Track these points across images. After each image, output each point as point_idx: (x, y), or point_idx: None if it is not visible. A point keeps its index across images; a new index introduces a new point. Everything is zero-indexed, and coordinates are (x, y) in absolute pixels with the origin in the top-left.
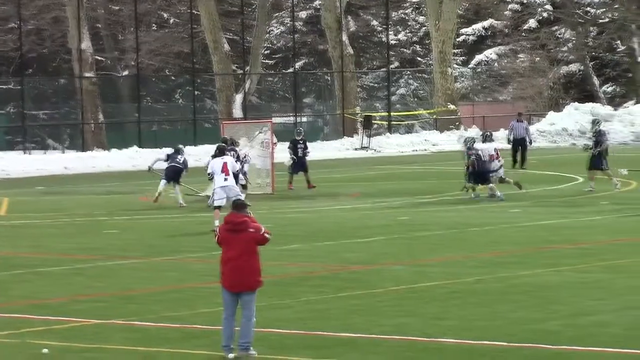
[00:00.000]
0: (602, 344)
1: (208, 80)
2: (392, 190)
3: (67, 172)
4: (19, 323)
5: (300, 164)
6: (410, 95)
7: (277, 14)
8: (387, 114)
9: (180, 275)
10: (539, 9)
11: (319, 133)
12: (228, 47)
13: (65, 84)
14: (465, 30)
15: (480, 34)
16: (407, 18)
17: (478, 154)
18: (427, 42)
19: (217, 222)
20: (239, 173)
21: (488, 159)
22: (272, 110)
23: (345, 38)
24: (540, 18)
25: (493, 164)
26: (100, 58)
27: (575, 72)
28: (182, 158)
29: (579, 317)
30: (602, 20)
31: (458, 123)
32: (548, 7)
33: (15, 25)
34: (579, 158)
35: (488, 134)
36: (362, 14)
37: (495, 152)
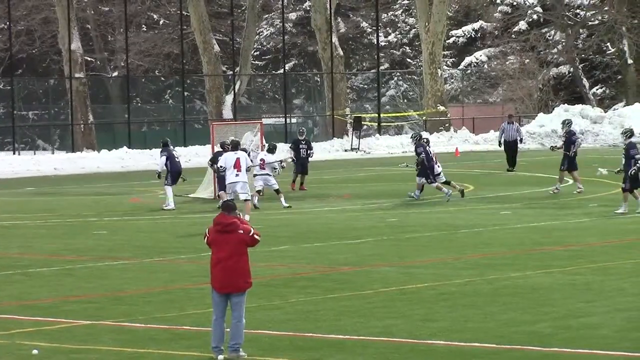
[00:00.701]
0: (592, 346)
1: (198, 81)
2: (381, 192)
3: (56, 172)
4: (9, 324)
5: (301, 165)
6: (400, 97)
7: (266, 16)
8: (376, 115)
9: (170, 277)
10: (529, 11)
11: (309, 134)
12: (218, 48)
13: (55, 85)
14: (455, 32)
15: (470, 36)
16: (396, 20)
17: (427, 150)
18: (417, 43)
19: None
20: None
21: (434, 161)
22: (261, 112)
23: (335, 39)
24: (530, 20)
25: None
26: (90, 59)
27: (565, 74)
28: (176, 153)
29: (570, 319)
30: (591, 23)
31: (448, 125)
32: (538, 9)
33: (5, 26)
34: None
35: (422, 137)
36: (351, 16)
37: (434, 156)
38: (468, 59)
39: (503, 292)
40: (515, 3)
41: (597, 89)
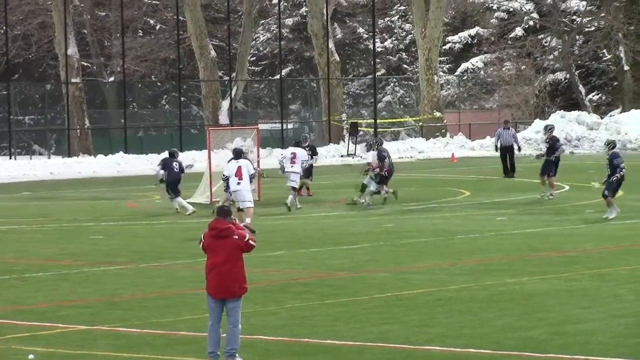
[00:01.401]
0: (588, 352)
1: (194, 87)
2: (377, 198)
3: (53, 177)
4: (5, 329)
5: (306, 170)
6: (397, 103)
7: (263, 21)
8: (373, 121)
9: (166, 282)
10: (525, 17)
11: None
12: (214, 53)
13: (52, 90)
14: (452, 38)
15: (467, 42)
16: (393, 25)
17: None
18: (413, 49)
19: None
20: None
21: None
22: (258, 117)
23: (332, 45)
24: (527, 26)
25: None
26: (87, 64)
27: (561, 80)
28: (177, 164)
29: (566, 325)
30: (588, 29)
31: (444, 130)
32: (534, 15)
33: (2, 31)
34: (565, 166)
35: (372, 143)
36: (348, 21)
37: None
38: (464, 65)
39: (499, 298)
40: (512, 9)
41: (593, 96)
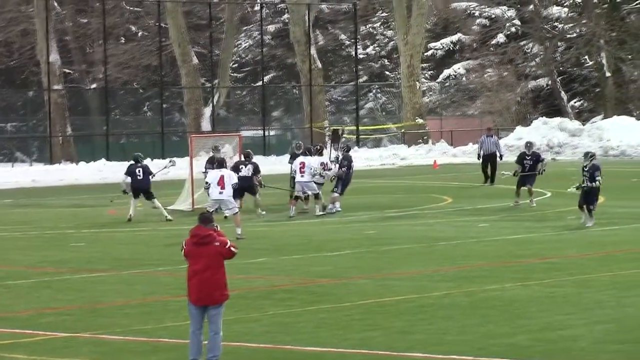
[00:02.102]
0: (570, 358)
1: (176, 94)
2: (359, 204)
3: (35, 184)
4: None
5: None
6: (379, 109)
7: (245, 28)
8: (355, 128)
9: (148, 289)
10: (507, 24)
11: (287, 146)
12: (196, 60)
13: (34, 97)
14: (434, 45)
15: (449, 49)
16: (375, 32)
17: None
18: (395, 56)
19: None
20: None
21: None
22: (240, 124)
23: (314, 52)
24: (509, 33)
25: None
26: (69, 71)
27: (543, 86)
28: (140, 170)
29: (548, 331)
30: (570, 35)
31: (426, 137)
32: (516, 22)
33: None
34: (547, 173)
35: (318, 147)
36: (330, 28)
37: (322, 165)
38: (446, 72)
39: (481, 304)
40: (494, 16)
41: (575, 102)
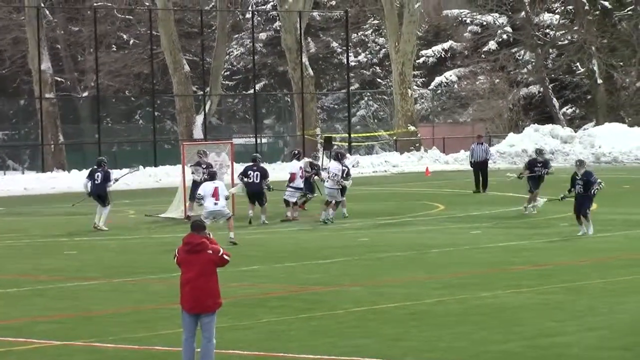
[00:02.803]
0: None
1: (168, 102)
2: (352, 212)
3: (26, 193)
4: None
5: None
6: (371, 117)
7: (236, 36)
8: (347, 135)
9: (140, 297)
10: (499, 31)
11: (279, 154)
12: (188, 68)
13: (25, 105)
14: (425, 52)
15: (440, 56)
16: (367, 40)
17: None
18: (387, 63)
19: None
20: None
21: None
22: (232, 132)
23: (305, 59)
24: (500, 40)
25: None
26: (60, 79)
27: (535, 94)
28: (100, 175)
29: (541, 338)
30: (561, 42)
31: (418, 144)
32: (507, 29)
33: None
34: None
35: (296, 152)
36: (322, 36)
37: (301, 170)
38: (438, 79)
39: (473, 311)
40: (485, 23)
41: (567, 109)
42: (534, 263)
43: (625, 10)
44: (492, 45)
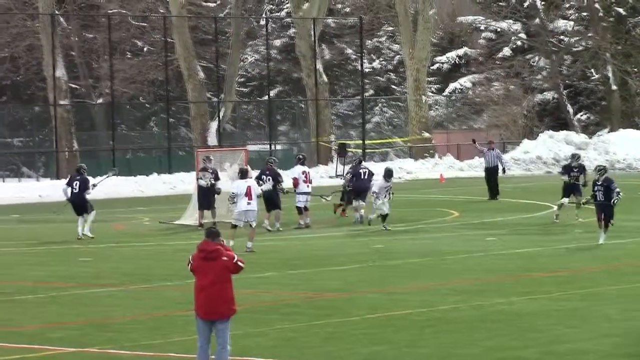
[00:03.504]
0: None
1: (183, 108)
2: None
3: (41, 200)
4: None
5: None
6: (385, 123)
7: (251, 42)
8: (361, 142)
9: (156, 303)
10: (513, 38)
11: (294, 161)
12: (202, 75)
13: (40, 112)
14: (440, 59)
15: (455, 62)
16: (381, 46)
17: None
18: (401, 70)
19: (231, 242)
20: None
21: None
22: (246, 138)
23: (320, 66)
24: (515, 46)
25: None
26: (75, 86)
27: (550, 100)
28: (77, 183)
29: (556, 345)
30: (575, 49)
31: (432, 151)
32: (522, 35)
33: None
34: (553, 186)
35: (300, 157)
36: (336, 42)
37: (304, 175)
38: (452, 85)
39: (489, 318)
40: (500, 29)
41: (581, 115)
42: (549, 270)
43: None
44: (506, 52)
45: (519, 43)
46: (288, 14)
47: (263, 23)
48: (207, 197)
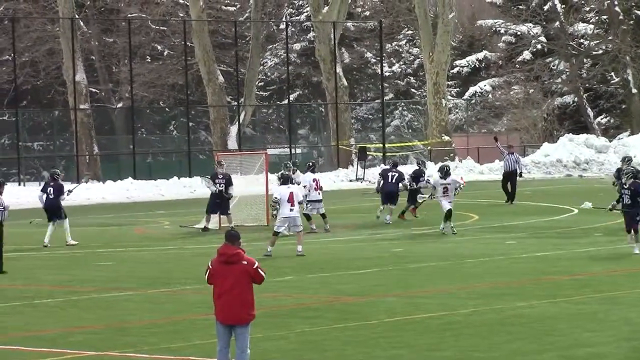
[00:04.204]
0: None
1: (202, 112)
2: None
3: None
4: (14, 355)
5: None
6: (405, 127)
7: (271, 46)
8: (381, 146)
9: (175, 307)
10: (533, 41)
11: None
12: (222, 79)
13: (60, 116)
14: (459, 62)
15: (474, 66)
16: (401, 50)
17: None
18: (421, 73)
19: (269, 248)
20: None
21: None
22: (266, 142)
23: (340, 70)
24: (534, 50)
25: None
26: (95, 90)
27: (570, 103)
28: (52, 189)
29: (576, 348)
30: (595, 52)
31: (452, 154)
32: (542, 39)
33: (10, 58)
34: (574, 189)
35: (310, 164)
36: (356, 46)
37: (315, 182)
38: (472, 89)
39: (509, 321)
40: (519, 33)
41: (601, 119)
42: (569, 273)
43: None
44: (526, 55)
45: (539, 46)
46: (308, 18)
47: (283, 27)
48: (215, 202)
